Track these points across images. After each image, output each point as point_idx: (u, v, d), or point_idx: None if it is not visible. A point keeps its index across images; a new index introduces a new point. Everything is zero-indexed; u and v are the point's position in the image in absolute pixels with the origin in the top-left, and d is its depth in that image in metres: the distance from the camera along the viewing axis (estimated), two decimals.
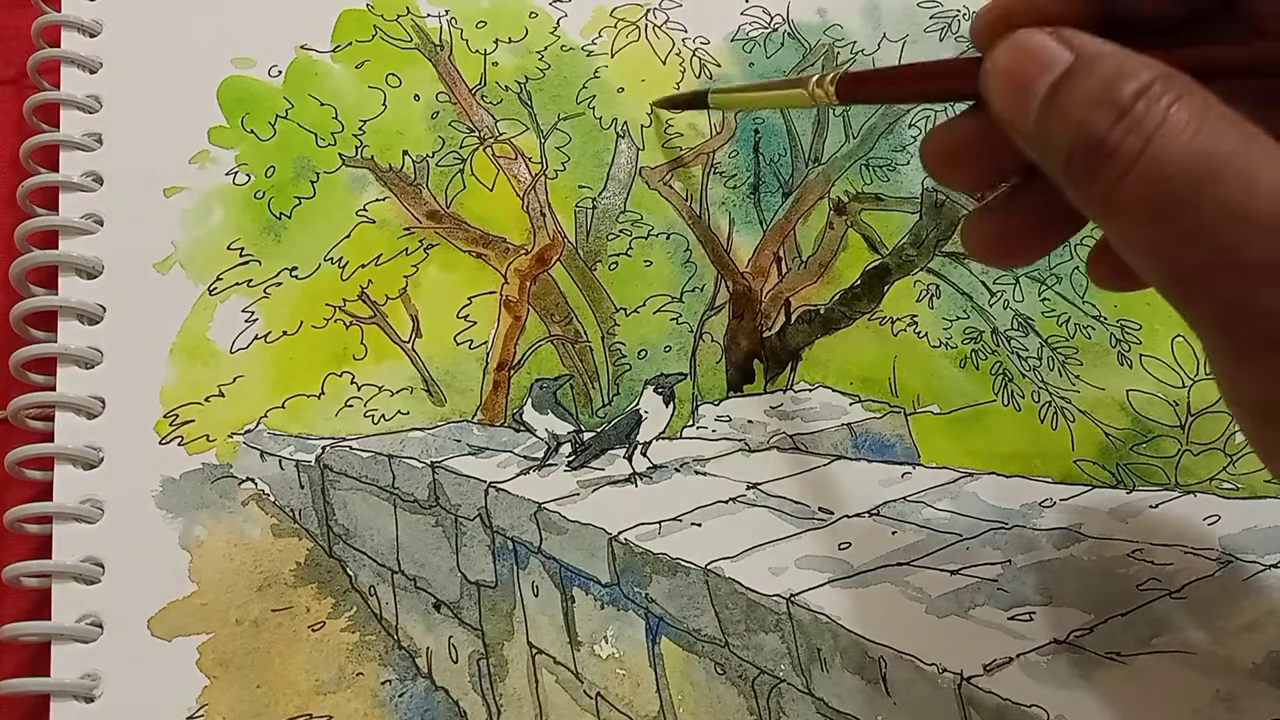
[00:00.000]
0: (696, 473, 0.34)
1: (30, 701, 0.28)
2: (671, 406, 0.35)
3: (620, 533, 0.32)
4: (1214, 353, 0.20)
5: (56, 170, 0.34)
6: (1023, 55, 0.21)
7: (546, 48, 0.41)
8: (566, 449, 0.34)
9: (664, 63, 0.41)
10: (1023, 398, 0.36)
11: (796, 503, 0.34)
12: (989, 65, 0.22)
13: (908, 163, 0.40)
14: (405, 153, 0.38)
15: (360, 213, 0.36)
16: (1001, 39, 0.21)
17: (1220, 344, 0.20)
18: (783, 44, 0.43)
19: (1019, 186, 0.26)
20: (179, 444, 0.31)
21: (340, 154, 0.37)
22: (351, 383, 0.34)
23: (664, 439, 0.35)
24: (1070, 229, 0.26)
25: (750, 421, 0.35)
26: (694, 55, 0.42)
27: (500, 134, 0.39)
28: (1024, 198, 0.26)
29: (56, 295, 0.32)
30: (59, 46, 0.36)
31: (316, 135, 0.37)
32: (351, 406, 0.33)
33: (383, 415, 0.33)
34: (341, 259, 0.35)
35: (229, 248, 0.35)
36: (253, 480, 0.31)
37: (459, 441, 0.33)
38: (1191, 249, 0.18)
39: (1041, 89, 0.20)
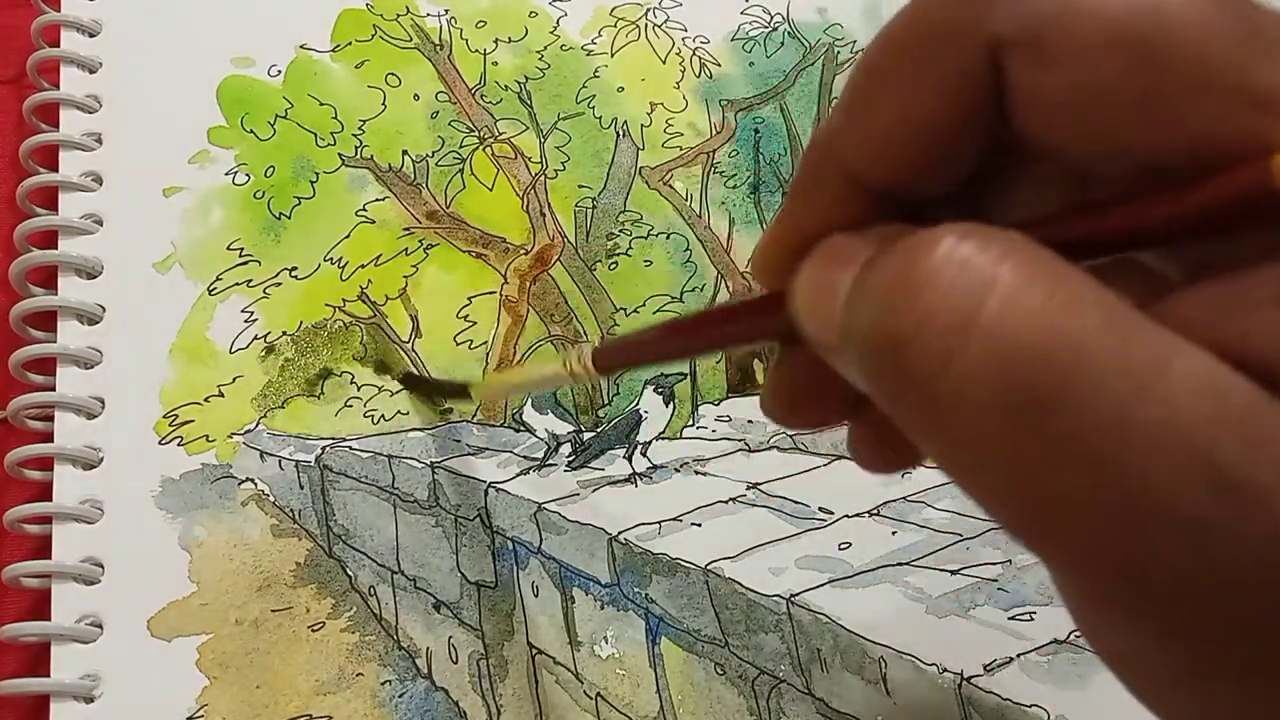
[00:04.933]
0: (696, 473, 0.34)
1: (30, 702, 0.28)
2: (671, 406, 0.35)
3: (620, 533, 0.32)
4: (1069, 594, 0.15)
5: (56, 170, 0.34)
6: (825, 260, 0.17)
7: (546, 47, 0.40)
8: (566, 449, 0.34)
9: (664, 62, 0.41)
10: None
11: (796, 503, 0.34)
12: (795, 285, 0.17)
13: None
14: (405, 152, 0.38)
15: (360, 213, 0.36)
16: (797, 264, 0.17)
17: (1085, 593, 0.14)
18: (783, 43, 0.43)
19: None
20: (179, 444, 0.31)
21: (340, 154, 0.37)
22: (351, 383, 0.34)
23: (664, 439, 0.35)
24: None
25: (750, 421, 0.35)
26: (694, 54, 0.42)
27: (500, 134, 0.39)
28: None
29: (56, 295, 0.32)
30: (59, 46, 0.36)
31: (316, 135, 0.37)
32: (351, 407, 0.33)
33: (383, 415, 0.33)
34: (341, 259, 0.35)
35: (229, 248, 0.35)
36: (252, 480, 0.31)
37: (459, 441, 0.33)
38: (1055, 472, 0.13)
39: (845, 289, 0.15)
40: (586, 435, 0.34)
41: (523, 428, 0.34)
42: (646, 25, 0.42)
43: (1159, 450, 0.12)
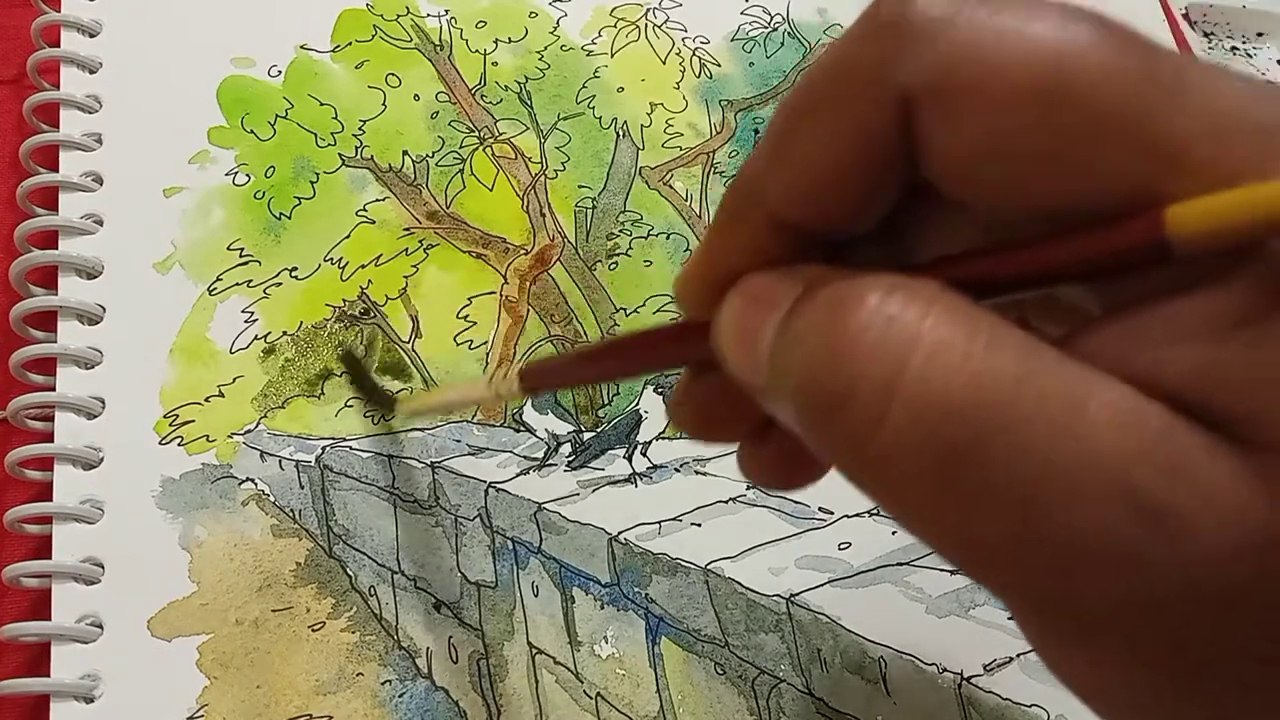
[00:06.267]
0: (696, 473, 0.34)
1: (30, 701, 0.28)
2: None
3: (620, 533, 0.32)
4: (1026, 628, 0.15)
5: (56, 170, 0.34)
6: (748, 302, 0.17)
7: (546, 47, 0.41)
8: (566, 449, 0.34)
9: (664, 62, 0.41)
10: None
11: (796, 503, 0.34)
12: (718, 324, 0.17)
13: None
14: (405, 153, 0.38)
15: (360, 213, 0.36)
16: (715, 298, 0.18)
17: (1035, 627, 0.15)
18: (783, 43, 0.43)
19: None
20: (179, 444, 0.31)
21: (340, 154, 0.37)
22: (352, 383, 0.34)
23: (664, 439, 0.35)
24: None
25: None
26: (694, 55, 0.42)
27: (500, 134, 0.39)
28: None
29: (56, 295, 0.32)
30: (59, 46, 0.36)
31: (316, 135, 0.37)
32: (351, 407, 0.33)
33: (383, 415, 0.33)
34: (341, 259, 0.35)
35: (229, 248, 0.35)
36: (253, 480, 0.31)
37: (459, 441, 0.33)
38: (986, 520, 0.13)
39: (769, 334, 0.16)
40: (586, 435, 0.34)
41: (523, 428, 0.34)
42: (646, 25, 0.42)
43: (1081, 486, 0.13)
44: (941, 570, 0.33)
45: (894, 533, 0.33)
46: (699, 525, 0.33)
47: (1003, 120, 0.14)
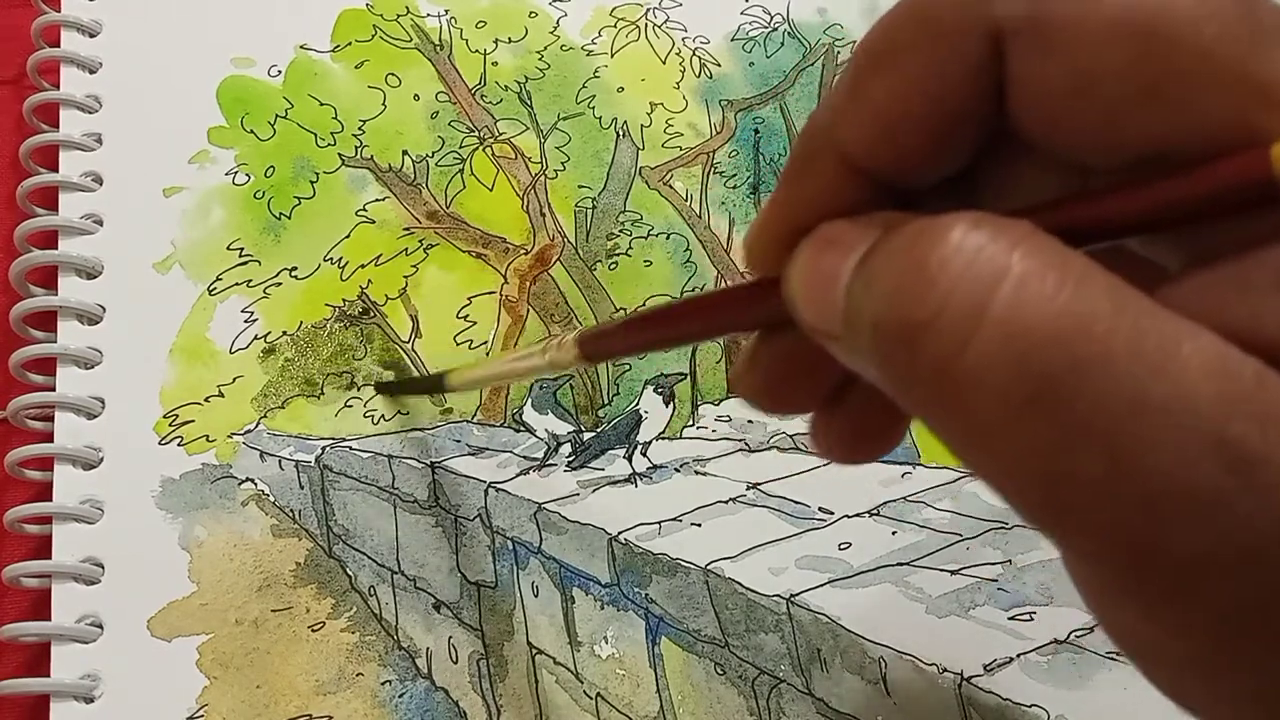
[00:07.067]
0: (696, 473, 0.34)
1: (30, 701, 0.28)
2: (671, 406, 0.35)
3: (620, 533, 0.32)
4: (1091, 584, 0.15)
5: (56, 170, 0.34)
6: (823, 246, 0.16)
7: (546, 47, 0.41)
8: (566, 449, 0.34)
9: (664, 62, 0.41)
10: None
11: (796, 503, 0.34)
12: (790, 271, 0.17)
13: None
14: (405, 153, 0.38)
15: (360, 213, 0.36)
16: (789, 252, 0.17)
17: (1108, 579, 0.14)
18: (783, 43, 0.43)
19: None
20: (179, 444, 0.31)
21: (340, 154, 0.37)
22: (351, 383, 0.34)
23: (664, 439, 0.35)
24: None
25: (750, 421, 0.35)
26: (694, 55, 0.42)
27: (500, 134, 0.39)
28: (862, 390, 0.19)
29: (56, 295, 0.32)
30: (59, 46, 0.36)
31: (316, 135, 0.37)
32: (351, 407, 0.33)
33: (382, 415, 0.33)
34: (341, 259, 0.35)
35: (229, 248, 0.35)
36: (252, 480, 0.31)
37: (459, 441, 0.33)
38: (1073, 456, 0.13)
39: (846, 275, 0.15)
40: (586, 435, 0.34)
41: (523, 428, 0.34)
42: (646, 25, 0.42)
43: (1173, 430, 0.12)
44: (942, 570, 0.33)
45: (894, 533, 0.33)
46: (699, 525, 0.33)
47: (1099, 57, 0.14)
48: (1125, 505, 0.13)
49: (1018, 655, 0.31)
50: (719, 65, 0.42)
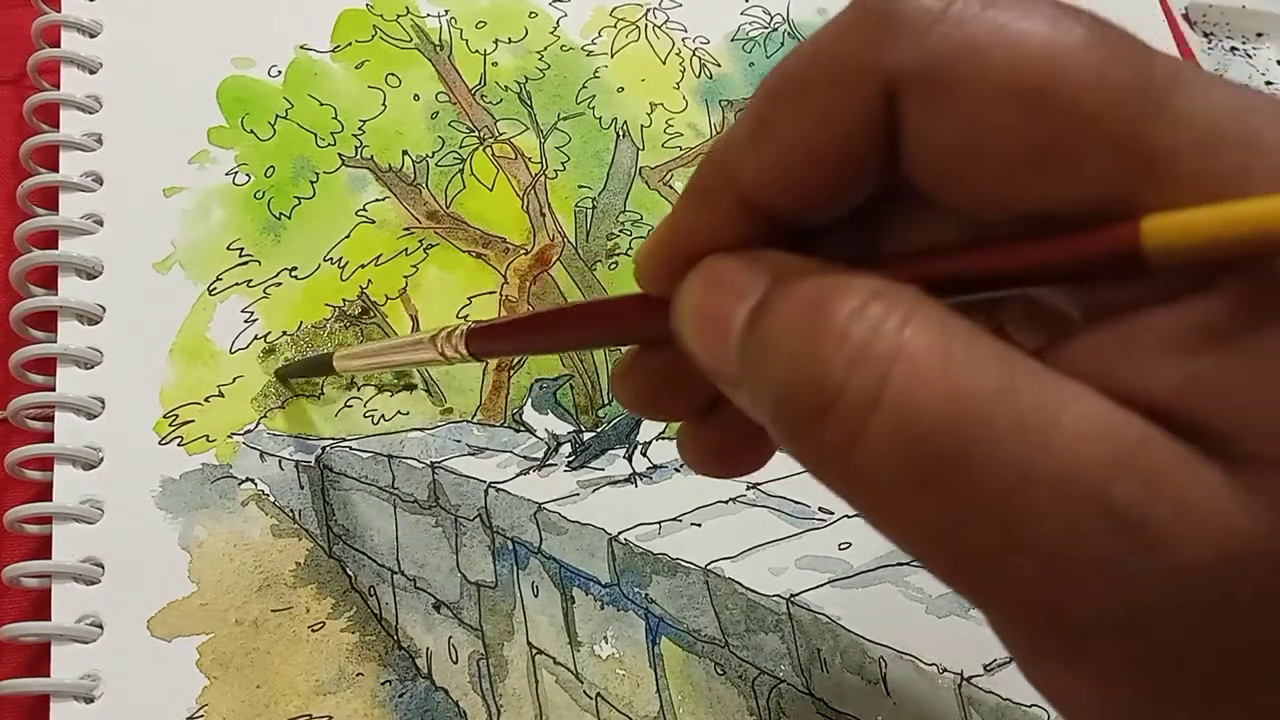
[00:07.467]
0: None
1: (30, 701, 0.28)
2: None
3: (620, 533, 0.32)
4: (1007, 642, 0.15)
5: (56, 170, 0.34)
6: (713, 288, 0.16)
7: (546, 48, 0.41)
8: (566, 449, 0.34)
9: (664, 63, 0.41)
10: None
11: (796, 503, 0.34)
12: (680, 305, 0.17)
13: None
14: (405, 153, 0.38)
15: (360, 213, 0.36)
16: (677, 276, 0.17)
17: (1020, 640, 0.15)
18: (783, 43, 0.43)
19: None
20: (179, 444, 0.31)
21: (340, 154, 0.37)
22: (351, 383, 0.34)
23: (664, 439, 0.35)
24: None
25: None
26: (694, 55, 0.42)
27: (500, 134, 0.39)
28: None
29: (56, 295, 0.32)
30: (59, 46, 0.36)
31: (316, 135, 0.37)
32: (351, 407, 0.33)
33: (382, 416, 0.33)
34: (341, 259, 0.35)
35: (229, 248, 0.35)
36: (252, 480, 0.31)
37: (459, 441, 0.33)
38: (967, 530, 0.13)
39: (738, 324, 0.15)
40: (586, 435, 0.34)
41: (523, 428, 0.34)
42: (646, 26, 0.42)
43: (1059, 500, 0.13)
44: None
45: None
46: (699, 525, 0.33)
47: (987, 117, 0.14)
48: (1019, 573, 0.13)
49: None
50: (719, 65, 0.42)
